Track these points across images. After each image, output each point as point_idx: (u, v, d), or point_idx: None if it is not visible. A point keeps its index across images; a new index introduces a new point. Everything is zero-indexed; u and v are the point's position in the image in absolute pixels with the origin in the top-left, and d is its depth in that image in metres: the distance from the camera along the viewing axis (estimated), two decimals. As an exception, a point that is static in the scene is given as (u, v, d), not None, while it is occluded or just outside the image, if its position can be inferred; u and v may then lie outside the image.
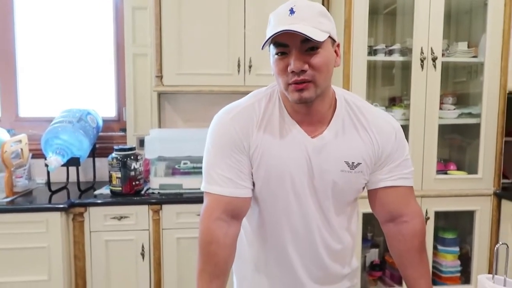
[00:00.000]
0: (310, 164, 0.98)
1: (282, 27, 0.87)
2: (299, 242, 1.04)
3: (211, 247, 0.93)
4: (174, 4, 2.24)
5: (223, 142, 0.98)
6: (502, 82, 2.20)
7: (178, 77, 2.27)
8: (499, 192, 2.24)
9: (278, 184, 0.99)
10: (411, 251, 1.04)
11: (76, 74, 2.63)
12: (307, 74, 0.89)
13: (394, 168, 1.02)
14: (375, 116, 1.02)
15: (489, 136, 2.23)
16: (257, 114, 0.99)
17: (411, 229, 1.04)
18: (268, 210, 1.03)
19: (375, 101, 2.42)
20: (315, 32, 0.87)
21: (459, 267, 2.33)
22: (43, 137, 2.16)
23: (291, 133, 0.98)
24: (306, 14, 0.89)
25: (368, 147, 0.99)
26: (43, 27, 2.60)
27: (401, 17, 2.42)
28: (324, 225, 1.03)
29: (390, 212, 1.05)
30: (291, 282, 1.07)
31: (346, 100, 1.02)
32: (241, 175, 0.98)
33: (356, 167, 0.99)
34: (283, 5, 0.92)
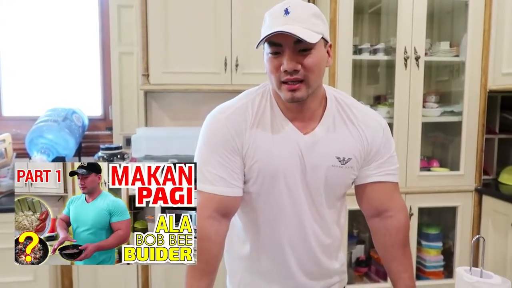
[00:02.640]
0: (302, 160, 1.00)
1: (277, 28, 0.89)
2: (292, 237, 1.06)
3: (202, 244, 0.93)
4: (160, 2, 2.23)
5: (216, 141, 1.00)
6: (482, 81, 2.26)
7: (165, 75, 2.26)
8: (480, 188, 2.30)
9: (271, 181, 1.01)
10: (395, 245, 1.07)
11: (61, 72, 2.60)
12: (300, 74, 0.92)
13: (381, 164, 1.05)
14: (363, 113, 1.05)
15: (470, 133, 2.29)
16: (250, 113, 1.01)
17: (396, 224, 1.07)
18: (261, 206, 1.05)
19: (360, 99, 2.44)
20: (309, 33, 0.89)
21: (442, 262, 2.38)
22: (28, 136, 2.13)
23: (284, 130, 1.01)
24: (300, 15, 0.91)
25: (358, 143, 1.02)
26: (27, 24, 2.56)
27: (386, 17, 2.47)
28: (316, 219, 1.06)
29: (376, 207, 1.08)
30: (284, 278, 1.09)
31: (336, 98, 1.05)
32: (233, 174, 0.99)
33: (347, 163, 1.02)
34: (278, 5, 0.95)
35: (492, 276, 0.90)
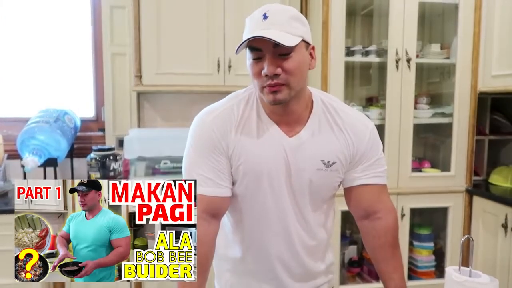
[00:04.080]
0: (287, 163, 1.01)
1: (255, 33, 0.90)
2: (276, 239, 1.06)
3: (206, 250, 0.98)
4: (153, 3, 2.23)
5: (203, 143, 1.01)
6: (473, 83, 2.29)
7: (158, 76, 2.26)
8: (471, 189, 2.33)
9: (256, 183, 1.02)
10: (385, 246, 1.08)
11: (53, 73, 2.59)
12: (281, 78, 0.93)
13: (368, 167, 1.06)
14: (350, 116, 1.06)
15: (461, 135, 2.32)
16: (236, 116, 1.02)
17: (385, 225, 1.08)
18: (246, 208, 1.06)
19: (352, 101, 2.47)
20: (287, 37, 0.90)
21: (433, 262, 2.41)
22: (19, 137, 2.12)
23: (269, 133, 1.02)
24: (279, 19, 0.92)
25: (343, 147, 1.03)
26: (19, 25, 2.54)
27: (377, 19, 2.49)
28: (300, 222, 1.06)
29: (365, 209, 1.09)
30: (270, 279, 1.10)
31: (322, 101, 1.06)
32: (220, 175, 1.01)
33: (332, 166, 1.02)
34: (258, 10, 0.96)
35: (481, 275, 0.91)
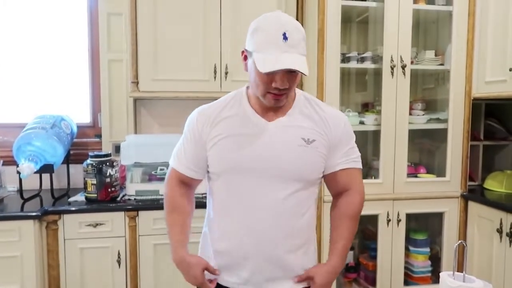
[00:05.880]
0: (269, 145, 1.13)
1: (278, 57, 1.01)
2: (250, 219, 1.15)
3: (174, 201, 1.25)
4: (150, 10, 2.25)
5: (187, 131, 1.24)
6: (467, 89, 2.31)
7: (154, 83, 2.27)
8: (466, 194, 2.34)
9: (235, 170, 1.15)
10: (342, 216, 1.24)
11: (50, 79, 2.59)
12: (285, 89, 1.08)
13: (345, 153, 1.20)
14: (328, 108, 1.23)
15: (456, 140, 2.34)
16: (218, 110, 1.19)
17: (350, 200, 1.25)
18: (227, 193, 1.18)
19: (348, 106, 2.49)
20: (303, 62, 1.04)
21: (429, 267, 2.41)
22: (15, 143, 2.11)
23: (250, 121, 1.16)
24: (295, 41, 1.04)
25: (321, 127, 1.17)
26: (15, 31, 2.55)
27: (373, 26, 2.51)
28: (276, 205, 1.14)
29: (341, 188, 1.25)
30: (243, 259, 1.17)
31: (305, 96, 1.22)
32: (194, 162, 1.22)
33: (312, 143, 1.15)
34: (275, 25, 1.03)
35: (475, 280, 0.92)
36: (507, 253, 2.01)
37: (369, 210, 2.28)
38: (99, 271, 2.06)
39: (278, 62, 1.02)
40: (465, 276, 0.91)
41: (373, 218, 2.33)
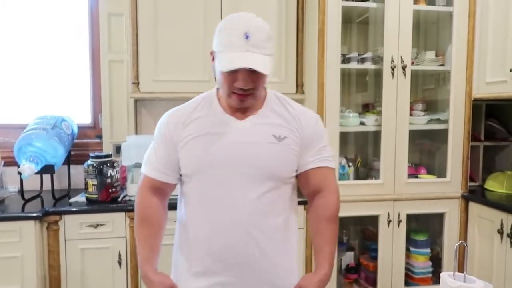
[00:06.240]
0: (239, 143, 1.11)
1: (238, 56, 1.01)
2: (224, 219, 1.12)
3: (144, 212, 1.22)
4: (150, 11, 2.25)
5: (157, 135, 1.21)
6: (467, 90, 2.31)
7: (155, 83, 2.27)
8: (467, 195, 2.34)
9: (206, 169, 1.13)
10: (322, 219, 1.20)
11: (51, 80, 2.60)
12: (250, 90, 1.07)
13: (317, 152, 1.18)
14: (299, 107, 1.22)
15: (456, 141, 2.34)
16: (188, 111, 1.17)
17: (326, 201, 1.21)
18: (199, 195, 1.16)
19: (349, 107, 2.49)
20: (266, 63, 1.03)
21: (430, 268, 2.41)
22: (16, 144, 2.12)
23: (221, 121, 1.14)
24: (258, 40, 1.03)
25: (292, 125, 1.16)
26: (16, 32, 2.55)
27: (373, 26, 2.51)
28: (250, 204, 1.11)
29: (314, 188, 1.21)
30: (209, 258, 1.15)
31: (276, 95, 1.21)
32: (166, 165, 1.18)
33: (283, 140, 1.13)
34: (237, 24, 1.05)
35: (475, 280, 0.92)
36: (507, 254, 2.01)
37: (369, 211, 2.29)
38: (100, 272, 2.07)
39: (238, 61, 1.02)
40: (465, 277, 0.91)
41: (374, 219, 2.33)
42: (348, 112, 2.37)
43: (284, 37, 2.40)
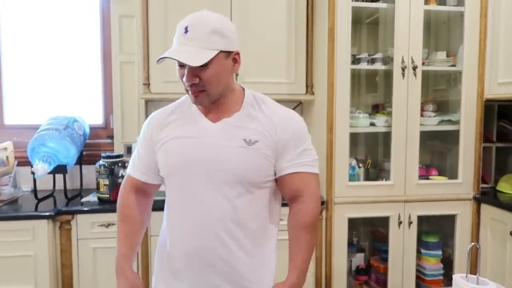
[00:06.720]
0: (210, 146, 1.09)
1: (173, 50, 1.03)
2: (196, 221, 1.11)
3: (124, 210, 1.22)
4: (161, 13, 2.27)
5: (141, 136, 1.23)
6: (479, 90, 2.29)
7: (165, 84, 2.29)
8: (479, 196, 2.32)
9: (178, 171, 1.12)
10: (297, 226, 1.15)
11: (63, 81, 2.63)
12: (199, 85, 1.06)
13: (296, 157, 1.12)
14: (277, 108, 1.16)
15: (468, 142, 2.31)
16: (166, 113, 1.18)
17: (304, 208, 1.15)
18: (172, 197, 1.17)
19: (359, 108, 2.48)
20: (199, 55, 1.01)
21: (441, 270, 2.38)
22: (30, 144, 2.15)
23: (196, 122, 1.13)
24: (198, 34, 1.02)
25: (265, 129, 1.11)
26: (29, 33, 2.59)
27: (383, 27, 2.50)
28: (221, 209, 1.09)
29: (293, 194, 1.16)
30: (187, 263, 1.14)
31: (254, 96, 1.16)
32: (147, 166, 1.20)
33: (254, 144, 1.09)
34: (185, 20, 1.05)
35: (488, 283, 0.91)
36: (520, 256, 1.98)
37: (380, 212, 2.28)
38: (111, 271, 2.05)
39: (167, 53, 1.02)
40: (478, 279, 0.90)
41: (384, 220, 2.32)
42: (358, 113, 2.36)
43: (294, 37, 2.39)
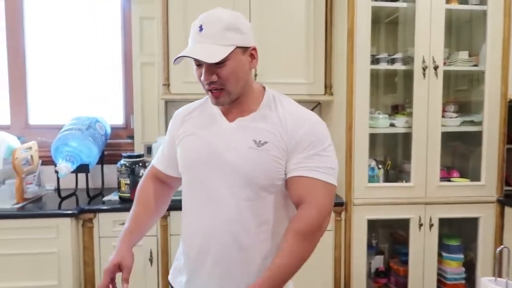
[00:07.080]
0: (219, 146, 1.08)
1: (188, 48, 1.03)
2: (206, 224, 1.09)
3: (141, 193, 1.25)
4: (180, 14, 2.30)
5: (167, 131, 1.27)
6: (503, 90, 2.24)
7: (185, 85, 2.31)
8: (502, 199, 2.26)
9: (191, 168, 1.13)
10: (288, 230, 1.04)
11: (85, 82, 2.69)
12: (217, 83, 1.04)
13: (305, 159, 1.04)
14: (295, 108, 1.11)
15: (491, 143, 2.26)
16: (189, 110, 1.20)
17: (302, 213, 1.04)
18: (186, 194, 1.17)
19: (378, 108, 2.46)
20: (215, 52, 0.99)
21: (463, 274, 2.34)
22: (53, 144, 2.20)
23: (213, 122, 1.13)
24: (212, 31, 1.00)
25: (275, 127, 1.06)
26: (52, 35, 2.66)
27: (403, 26, 2.47)
28: (229, 210, 1.07)
29: (296, 200, 1.07)
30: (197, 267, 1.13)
31: (273, 96, 1.13)
32: (169, 159, 1.23)
33: (263, 145, 1.05)
34: (198, 19, 1.04)
35: (518, 285, 0.89)
36: (547, 261, 1.93)
37: (400, 214, 2.25)
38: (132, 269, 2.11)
39: (184, 52, 1.01)
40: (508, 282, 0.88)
41: (404, 222, 2.29)
42: (377, 114, 2.34)
43: (313, 38, 2.39)
